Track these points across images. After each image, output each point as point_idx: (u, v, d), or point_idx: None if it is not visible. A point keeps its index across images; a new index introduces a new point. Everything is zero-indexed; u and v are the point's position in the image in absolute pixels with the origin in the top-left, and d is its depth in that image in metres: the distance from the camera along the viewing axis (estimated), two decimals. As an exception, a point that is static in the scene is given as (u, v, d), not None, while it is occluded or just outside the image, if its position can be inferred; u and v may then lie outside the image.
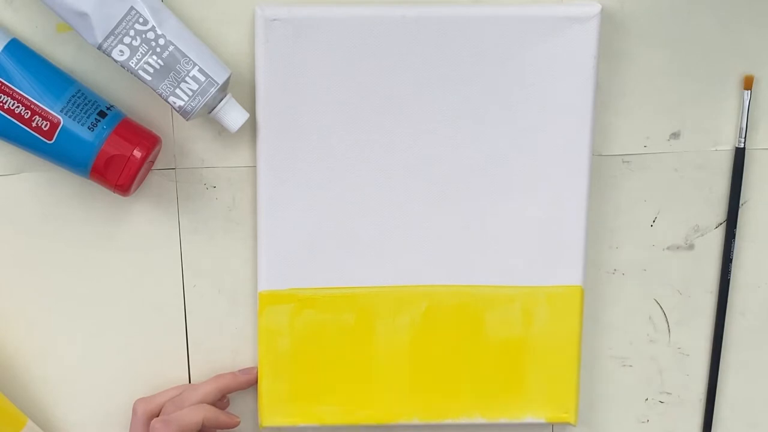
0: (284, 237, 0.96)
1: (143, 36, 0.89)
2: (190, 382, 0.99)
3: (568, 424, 1.00)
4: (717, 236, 1.00)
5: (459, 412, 0.99)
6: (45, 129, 0.90)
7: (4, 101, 0.90)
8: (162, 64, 0.89)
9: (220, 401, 0.98)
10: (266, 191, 0.95)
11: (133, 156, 0.91)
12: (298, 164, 0.95)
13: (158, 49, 0.89)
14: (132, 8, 0.88)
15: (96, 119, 0.91)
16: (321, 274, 0.97)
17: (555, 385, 0.99)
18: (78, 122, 0.90)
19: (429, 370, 0.98)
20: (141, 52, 0.89)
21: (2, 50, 0.90)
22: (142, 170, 0.92)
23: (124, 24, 0.89)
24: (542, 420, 0.99)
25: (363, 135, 0.95)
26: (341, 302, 0.97)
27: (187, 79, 0.90)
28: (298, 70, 0.93)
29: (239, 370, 0.99)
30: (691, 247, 1.00)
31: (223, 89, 0.91)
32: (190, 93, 0.90)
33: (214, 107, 0.92)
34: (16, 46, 0.91)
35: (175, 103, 0.90)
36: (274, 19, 0.92)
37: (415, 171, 0.95)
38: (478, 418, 0.99)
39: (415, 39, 0.93)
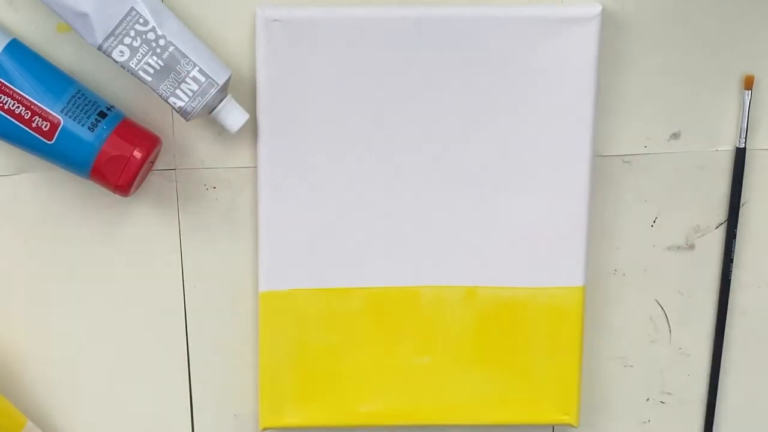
0: (285, 237, 0.96)
1: (143, 36, 0.89)
2: (189, 382, 0.99)
3: (569, 425, 1.00)
4: (717, 236, 1.00)
5: (460, 413, 0.99)
6: (45, 129, 0.90)
7: (4, 101, 0.90)
8: (162, 64, 0.89)
9: None
10: (267, 192, 0.95)
11: (133, 156, 0.91)
12: (299, 165, 0.95)
13: (158, 50, 0.89)
14: (132, 9, 0.88)
15: (96, 119, 0.91)
16: (322, 274, 0.97)
17: (556, 386, 0.99)
18: (78, 123, 0.90)
19: (430, 372, 0.98)
20: (141, 53, 0.89)
21: (2, 50, 0.90)
22: (143, 171, 0.92)
23: (124, 24, 0.89)
24: (543, 421, 0.99)
25: (363, 136, 0.95)
26: (342, 303, 0.97)
27: (187, 79, 0.90)
28: (299, 70, 0.93)
29: None
30: (691, 247, 1.00)
31: (224, 90, 0.91)
32: (191, 93, 0.90)
33: (215, 108, 0.92)
34: (16, 47, 0.91)
35: (175, 103, 0.90)
36: (275, 20, 0.92)
37: (415, 171, 0.95)
38: (480, 419, 0.99)
39: (415, 40, 0.93)
